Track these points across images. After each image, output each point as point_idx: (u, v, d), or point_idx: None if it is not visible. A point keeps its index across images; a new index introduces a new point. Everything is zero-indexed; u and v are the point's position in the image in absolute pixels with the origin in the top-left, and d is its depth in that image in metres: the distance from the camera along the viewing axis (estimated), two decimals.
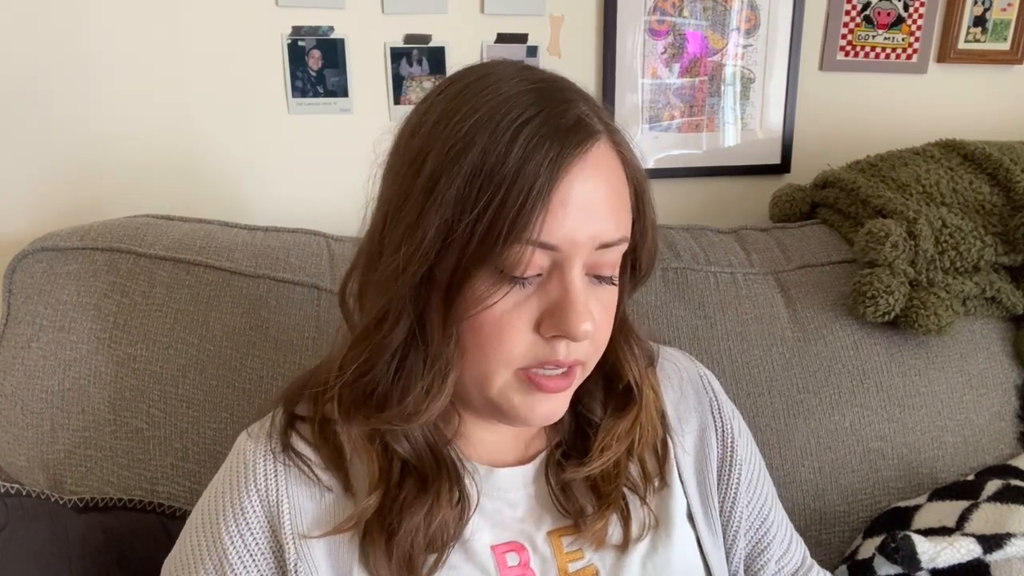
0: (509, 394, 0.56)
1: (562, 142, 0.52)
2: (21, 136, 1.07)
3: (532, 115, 0.52)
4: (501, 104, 0.53)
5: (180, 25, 1.09)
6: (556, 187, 0.51)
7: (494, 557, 0.59)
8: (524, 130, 0.51)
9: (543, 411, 0.57)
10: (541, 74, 0.57)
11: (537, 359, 0.55)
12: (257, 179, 1.17)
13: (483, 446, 0.63)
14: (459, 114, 0.53)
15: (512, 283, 0.53)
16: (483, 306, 0.52)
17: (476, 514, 0.60)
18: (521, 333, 0.54)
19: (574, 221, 0.52)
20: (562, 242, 0.52)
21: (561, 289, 0.53)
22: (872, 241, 1.04)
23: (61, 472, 0.85)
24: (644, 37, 1.27)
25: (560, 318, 0.53)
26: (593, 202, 0.53)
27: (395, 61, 1.18)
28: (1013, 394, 1.09)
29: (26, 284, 0.89)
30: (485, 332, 0.53)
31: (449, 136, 0.52)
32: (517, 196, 0.50)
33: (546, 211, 0.50)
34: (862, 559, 0.92)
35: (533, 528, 0.61)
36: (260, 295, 0.92)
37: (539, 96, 0.54)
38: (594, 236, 0.53)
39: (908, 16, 1.37)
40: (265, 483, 0.59)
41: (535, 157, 0.51)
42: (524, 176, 0.50)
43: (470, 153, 0.51)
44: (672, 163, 1.34)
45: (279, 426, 0.61)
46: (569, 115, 0.53)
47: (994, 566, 0.84)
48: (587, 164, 0.53)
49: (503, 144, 0.51)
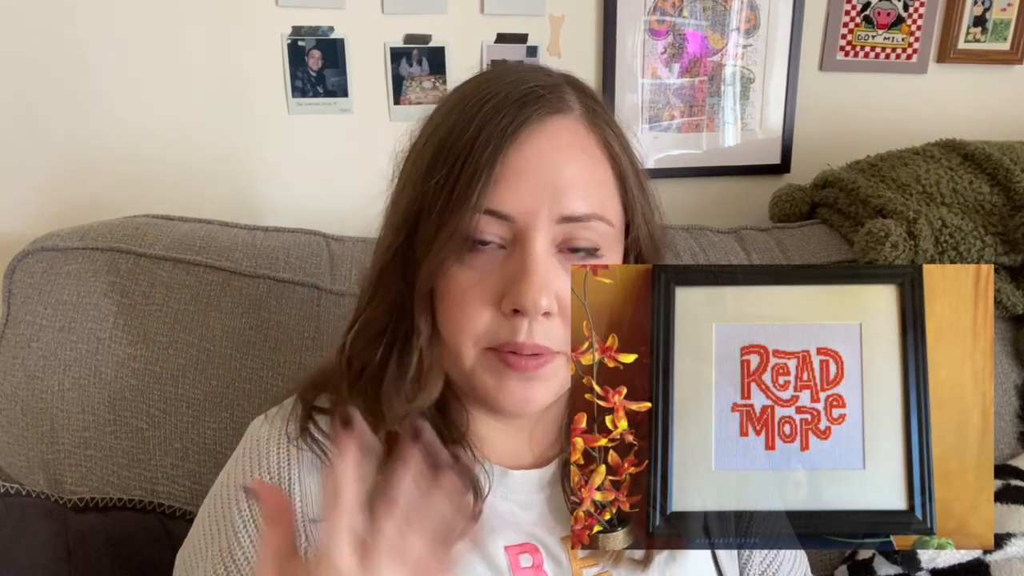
0: (482, 375, 0.56)
1: (516, 112, 0.52)
2: (21, 136, 1.07)
3: (498, 92, 0.53)
4: (481, 87, 0.55)
5: (180, 25, 1.09)
6: (505, 153, 0.51)
7: (507, 557, 0.59)
8: (486, 105, 0.53)
9: (518, 396, 0.56)
10: (535, 65, 0.59)
11: (499, 339, 0.54)
12: (257, 179, 1.17)
13: (497, 447, 0.63)
14: (446, 105, 0.56)
15: (472, 251, 0.53)
16: (448, 276, 0.53)
17: (490, 514, 0.60)
18: (481, 307, 0.54)
19: (528, 190, 0.52)
20: (515, 211, 0.52)
21: (520, 261, 0.53)
22: (872, 241, 1.04)
23: (61, 472, 0.85)
24: (644, 37, 1.27)
25: (515, 290, 0.52)
26: (551, 173, 0.53)
27: (395, 61, 1.18)
28: (1013, 394, 1.09)
29: (26, 284, 0.89)
30: (450, 305, 0.54)
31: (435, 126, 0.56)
32: (469, 165, 0.51)
33: (495, 178, 0.51)
34: (862, 559, 0.92)
35: (546, 532, 0.61)
36: (260, 295, 0.92)
37: (520, 76, 0.55)
38: (553, 208, 0.53)
39: (908, 16, 1.38)
40: (278, 467, 0.59)
41: (488, 126, 0.52)
42: (477, 144, 0.51)
43: (441, 131, 0.54)
44: (672, 163, 1.34)
45: (298, 411, 0.61)
46: (527, 87, 0.54)
47: (994, 566, 0.84)
48: (546, 135, 0.53)
49: (466, 119, 0.53)
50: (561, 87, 0.57)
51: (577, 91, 0.58)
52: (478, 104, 0.53)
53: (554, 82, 0.57)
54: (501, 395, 0.56)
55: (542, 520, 0.62)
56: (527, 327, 0.54)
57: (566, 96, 0.56)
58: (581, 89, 0.59)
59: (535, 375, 0.56)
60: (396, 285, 0.56)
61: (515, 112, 0.52)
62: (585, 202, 0.54)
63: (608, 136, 0.57)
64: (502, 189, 0.51)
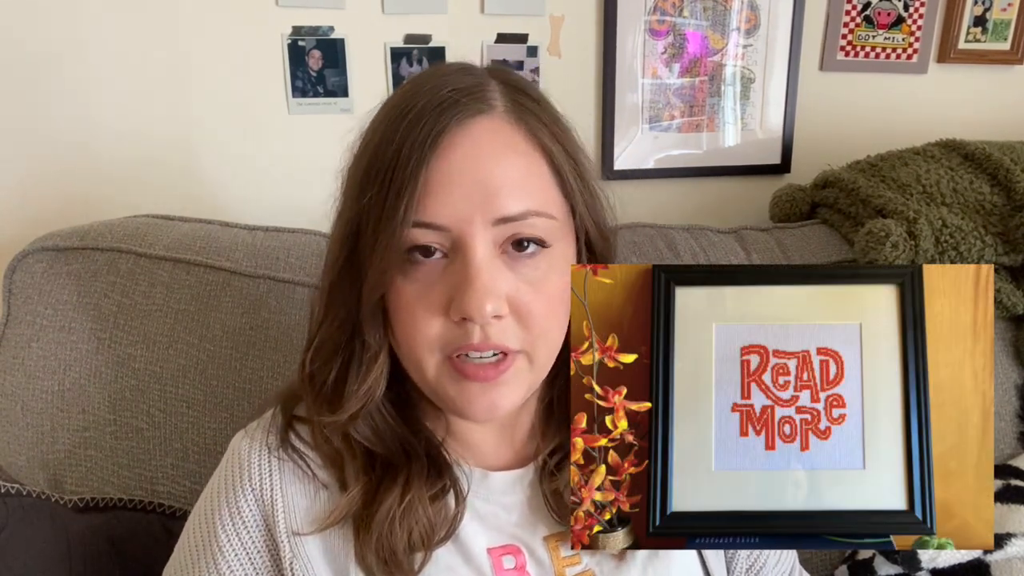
0: (444, 383, 0.55)
1: (435, 120, 0.52)
2: (21, 136, 1.07)
3: (420, 100, 0.53)
4: (405, 97, 0.55)
5: (180, 25, 1.09)
6: (429, 164, 0.51)
7: (490, 559, 0.59)
8: (409, 115, 0.52)
9: (482, 404, 0.55)
10: (462, 65, 0.58)
11: (454, 343, 0.54)
12: (257, 179, 1.17)
13: (475, 448, 0.63)
14: (376, 118, 0.57)
15: (414, 263, 0.53)
16: (393, 290, 0.54)
17: (471, 517, 0.60)
18: (431, 317, 0.53)
19: (457, 197, 0.51)
20: (448, 220, 0.51)
21: (461, 269, 0.52)
22: (872, 241, 1.04)
23: (61, 472, 0.85)
24: (644, 37, 1.27)
25: (459, 298, 0.52)
26: (478, 177, 0.52)
27: (395, 61, 1.18)
28: (1013, 394, 1.09)
29: (26, 284, 0.89)
30: (401, 318, 0.54)
31: (365, 139, 0.57)
32: (396, 179, 0.51)
33: (422, 190, 0.51)
34: (862, 559, 0.92)
35: (528, 533, 0.61)
36: (260, 295, 0.92)
37: (439, 81, 0.54)
38: (486, 212, 0.52)
39: (908, 16, 1.37)
40: (260, 481, 0.59)
41: (409, 138, 0.51)
42: (401, 157, 0.51)
43: (371, 146, 0.55)
44: (672, 163, 1.34)
45: (278, 424, 0.61)
46: (454, 94, 0.53)
47: (994, 566, 0.84)
48: (468, 138, 0.52)
49: (392, 131, 0.53)
50: (481, 86, 0.55)
51: (502, 84, 0.56)
52: (401, 115, 0.53)
53: (474, 81, 0.55)
54: (465, 404, 0.55)
55: (524, 520, 0.62)
56: (479, 330, 0.53)
57: (487, 94, 0.55)
58: (507, 82, 0.57)
59: (498, 381, 0.55)
60: (346, 301, 0.56)
61: (434, 120, 0.52)
62: (518, 201, 0.53)
63: (536, 129, 0.56)
64: (431, 200, 0.51)
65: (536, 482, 0.63)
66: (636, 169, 1.32)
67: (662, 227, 1.12)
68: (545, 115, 0.57)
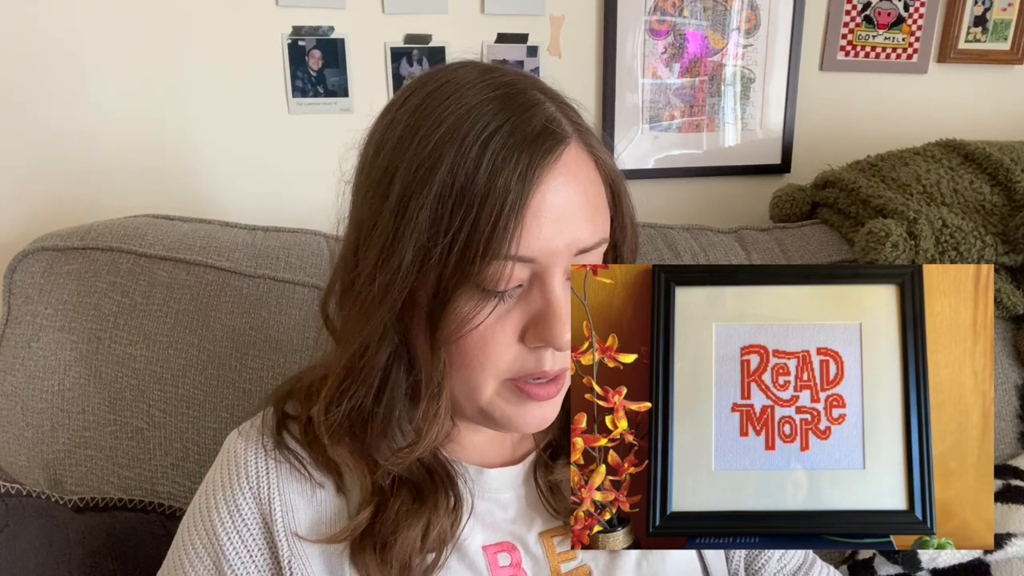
0: (500, 404, 0.56)
1: (531, 152, 0.50)
2: (20, 136, 1.07)
3: (498, 125, 0.51)
4: (465, 115, 0.51)
5: (180, 25, 1.09)
6: (529, 200, 0.50)
7: (485, 557, 0.59)
8: (491, 143, 0.50)
9: (536, 418, 0.57)
10: (503, 76, 0.55)
11: (524, 370, 0.54)
12: (257, 179, 1.17)
13: (472, 448, 0.63)
14: (423, 129, 0.52)
15: (495, 299, 0.52)
16: (469, 326, 0.52)
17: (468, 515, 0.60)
18: (506, 345, 0.53)
19: (550, 232, 0.51)
20: (539, 253, 0.51)
21: (543, 300, 0.52)
22: (872, 241, 1.04)
23: (61, 472, 0.85)
24: (644, 37, 1.27)
25: (543, 329, 0.52)
26: (568, 210, 0.52)
27: (395, 61, 1.18)
28: (1013, 394, 1.09)
29: (26, 284, 0.89)
30: (471, 347, 0.53)
31: (415, 154, 0.51)
32: (490, 214, 0.49)
33: (521, 225, 0.50)
34: (862, 559, 0.92)
35: (524, 529, 0.61)
36: (260, 295, 0.92)
37: (504, 103, 0.52)
38: (571, 244, 0.52)
39: (908, 16, 1.38)
40: (257, 480, 0.59)
41: (504, 171, 0.49)
42: (495, 192, 0.49)
43: (438, 172, 0.50)
44: (672, 163, 1.34)
45: (271, 423, 0.61)
46: (535, 122, 0.52)
47: (994, 566, 0.84)
48: (558, 172, 0.52)
49: (471, 160, 0.50)
50: (544, 105, 0.54)
51: (553, 102, 0.55)
52: (475, 138, 0.50)
53: (537, 100, 0.54)
54: (517, 420, 0.56)
55: (520, 516, 0.62)
56: (551, 355, 0.54)
57: (558, 118, 0.54)
58: (554, 98, 0.56)
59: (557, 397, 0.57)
60: (399, 334, 0.55)
61: (530, 152, 0.50)
62: (594, 232, 0.54)
63: (600, 152, 0.56)
64: (526, 233, 0.50)
65: (532, 477, 0.63)
66: (636, 169, 1.32)
67: (662, 227, 1.12)
68: (596, 137, 0.57)
